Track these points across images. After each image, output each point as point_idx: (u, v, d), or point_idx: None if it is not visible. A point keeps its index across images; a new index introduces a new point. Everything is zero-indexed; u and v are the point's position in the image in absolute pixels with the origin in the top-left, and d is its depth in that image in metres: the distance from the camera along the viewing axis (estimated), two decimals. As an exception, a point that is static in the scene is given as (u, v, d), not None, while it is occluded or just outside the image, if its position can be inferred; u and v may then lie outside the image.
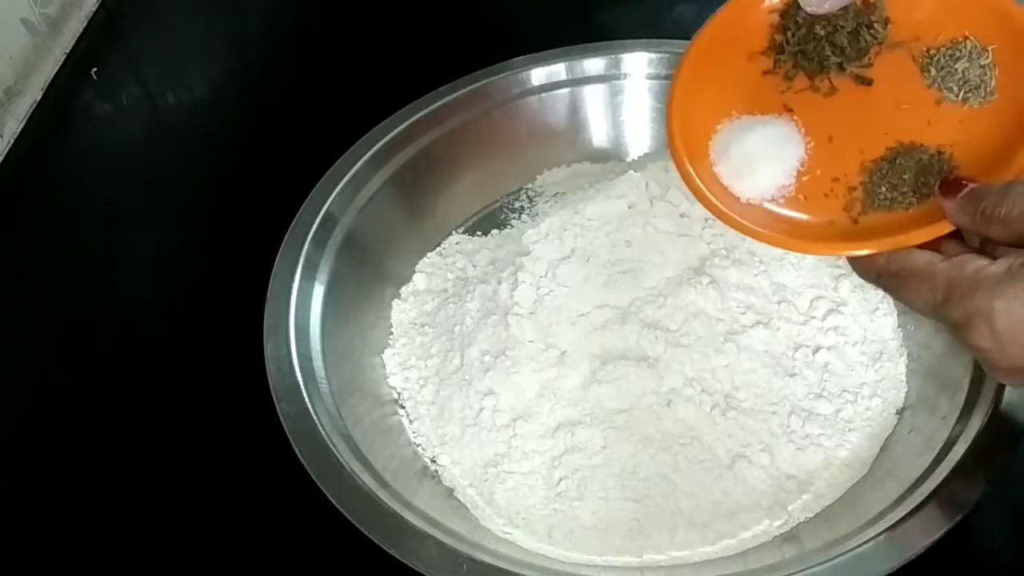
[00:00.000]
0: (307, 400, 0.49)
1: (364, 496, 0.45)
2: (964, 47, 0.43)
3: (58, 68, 0.78)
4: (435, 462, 0.52)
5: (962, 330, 0.36)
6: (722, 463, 0.49)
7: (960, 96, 0.42)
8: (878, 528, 0.42)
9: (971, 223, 0.38)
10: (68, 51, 0.79)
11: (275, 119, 0.74)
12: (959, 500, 0.42)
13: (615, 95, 0.64)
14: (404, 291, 0.60)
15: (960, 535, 0.42)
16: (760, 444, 0.49)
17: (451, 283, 0.60)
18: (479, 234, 0.63)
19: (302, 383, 0.49)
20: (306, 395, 0.49)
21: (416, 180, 0.61)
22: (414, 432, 0.54)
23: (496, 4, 0.84)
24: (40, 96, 0.76)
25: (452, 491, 0.51)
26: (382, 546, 0.43)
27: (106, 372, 0.59)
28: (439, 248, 0.62)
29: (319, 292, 0.54)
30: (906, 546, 0.41)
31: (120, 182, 0.71)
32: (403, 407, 0.55)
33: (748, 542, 0.47)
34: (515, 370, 0.52)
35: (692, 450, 0.49)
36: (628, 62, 0.64)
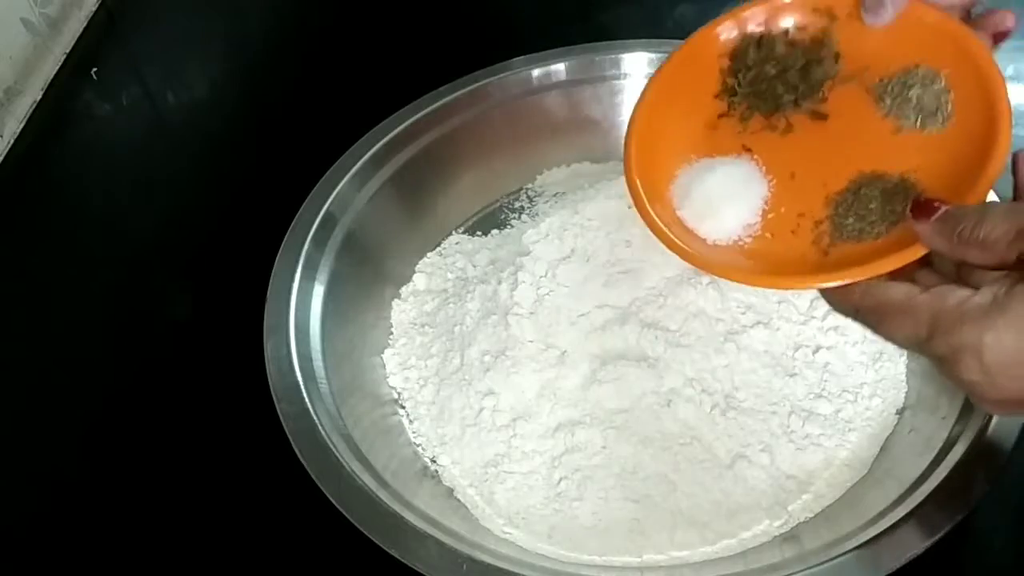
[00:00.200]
0: (307, 400, 0.49)
1: (364, 496, 0.45)
2: (916, 74, 0.42)
3: (58, 68, 0.78)
4: (435, 462, 0.52)
5: (949, 364, 0.35)
6: (722, 463, 0.49)
7: (917, 123, 0.42)
8: (878, 528, 0.42)
9: (947, 246, 0.36)
10: (68, 51, 0.79)
11: (275, 119, 0.74)
12: (959, 500, 0.42)
13: (615, 95, 0.64)
14: (404, 291, 0.60)
15: (960, 535, 0.42)
16: (760, 444, 0.49)
17: (451, 283, 0.60)
18: (479, 234, 0.63)
19: (302, 383, 0.49)
20: (306, 395, 0.49)
21: (416, 180, 0.61)
22: (414, 432, 0.54)
23: (496, 4, 0.84)
24: (40, 96, 0.76)
25: (452, 491, 0.51)
26: (382, 546, 0.43)
27: (106, 372, 0.59)
28: (439, 248, 0.62)
29: (319, 292, 0.54)
30: (906, 546, 0.41)
31: (120, 182, 0.71)
32: (403, 407, 0.55)
33: (748, 542, 0.47)
34: (515, 370, 0.52)
35: (692, 450, 0.49)
36: (628, 62, 0.64)
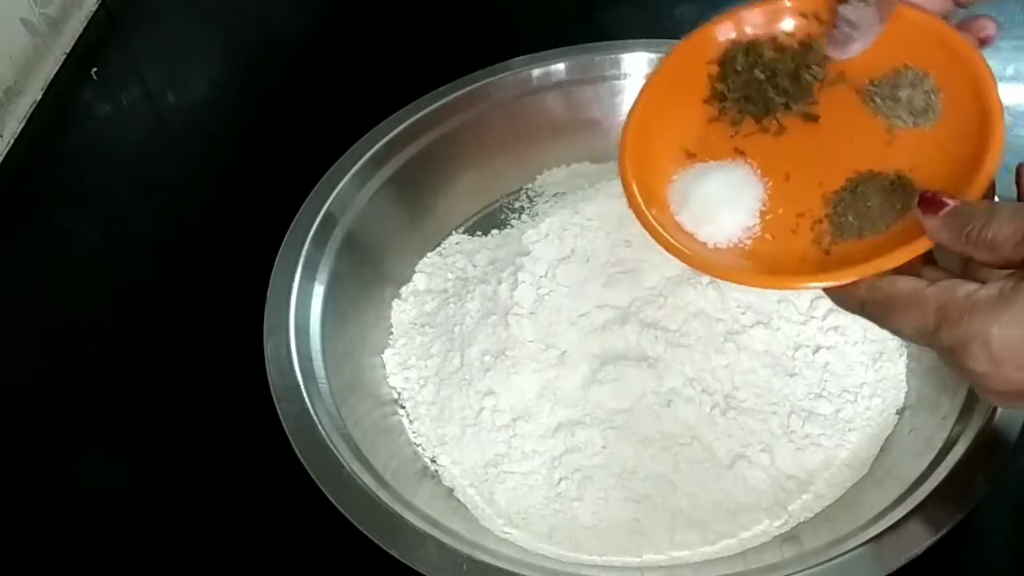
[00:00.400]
0: (307, 400, 0.49)
1: (364, 496, 0.45)
2: (905, 75, 0.42)
3: (58, 68, 0.78)
4: (435, 462, 0.52)
5: (956, 355, 0.35)
6: (722, 463, 0.49)
7: (909, 122, 0.42)
8: (878, 528, 0.42)
9: (955, 244, 0.37)
10: (68, 51, 0.79)
11: (275, 119, 0.74)
12: (959, 500, 0.42)
13: (615, 95, 0.64)
14: (404, 291, 0.60)
15: (960, 535, 0.42)
16: (760, 444, 0.49)
17: (451, 283, 0.60)
18: (479, 234, 0.63)
19: (302, 383, 0.49)
20: (306, 395, 0.49)
21: (416, 180, 0.61)
22: (414, 432, 0.54)
23: (496, 4, 0.84)
24: (40, 96, 0.76)
25: (452, 491, 0.51)
26: (382, 546, 0.43)
27: (106, 372, 0.59)
28: (439, 248, 0.62)
29: (319, 292, 0.54)
30: (906, 546, 0.41)
31: (120, 182, 0.71)
32: (403, 407, 0.55)
33: (748, 542, 0.47)
34: (515, 370, 0.52)
35: (692, 450, 0.49)
36: (628, 62, 0.64)
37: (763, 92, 0.45)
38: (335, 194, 0.57)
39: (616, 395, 0.51)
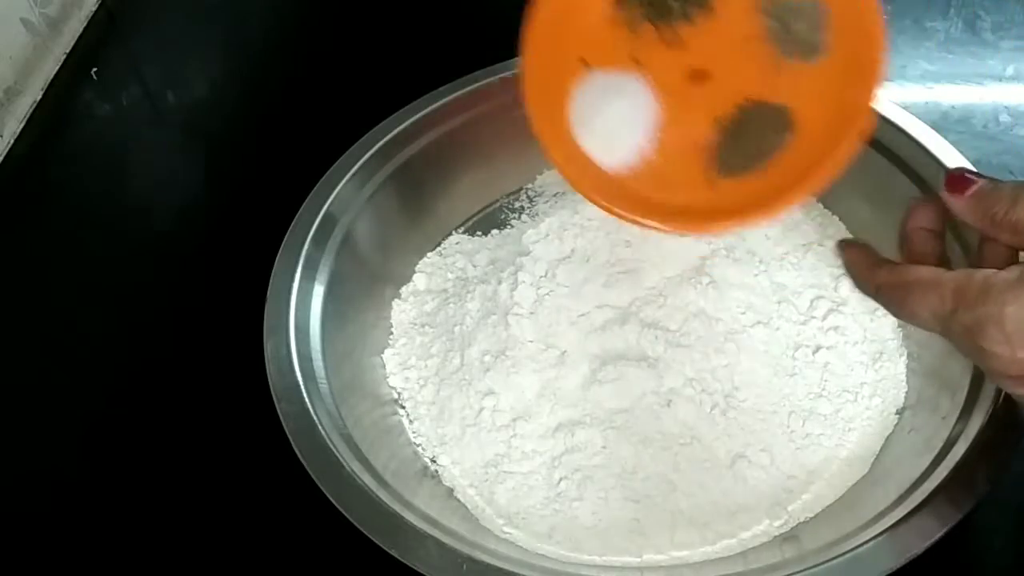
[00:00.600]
0: (307, 400, 0.49)
1: (364, 496, 0.45)
2: (803, 6, 0.42)
3: (58, 68, 0.78)
4: (435, 462, 0.52)
5: (973, 335, 0.36)
6: (722, 463, 0.49)
7: (799, 55, 0.42)
8: (878, 528, 0.42)
9: (980, 223, 0.38)
10: (68, 51, 0.79)
11: (275, 119, 0.74)
12: (959, 500, 0.42)
13: (615, 95, 0.64)
14: (404, 291, 0.60)
15: (960, 535, 0.42)
16: (760, 444, 0.49)
17: (451, 283, 0.60)
18: (479, 234, 0.63)
19: (302, 383, 0.49)
20: (306, 395, 0.49)
21: (416, 180, 0.61)
22: (414, 432, 0.54)
23: (496, 4, 0.83)
24: (40, 96, 0.76)
25: (452, 491, 0.51)
26: (382, 546, 0.43)
27: (106, 372, 0.59)
28: (439, 248, 0.62)
29: (319, 292, 0.54)
30: (906, 546, 0.41)
31: (120, 182, 0.71)
32: (403, 407, 0.55)
33: (748, 542, 0.47)
34: (515, 370, 0.52)
35: (692, 450, 0.49)
36: (628, 62, 0.64)
37: None
38: (335, 194, 0.57)
39: (616, 395, 0.51)
